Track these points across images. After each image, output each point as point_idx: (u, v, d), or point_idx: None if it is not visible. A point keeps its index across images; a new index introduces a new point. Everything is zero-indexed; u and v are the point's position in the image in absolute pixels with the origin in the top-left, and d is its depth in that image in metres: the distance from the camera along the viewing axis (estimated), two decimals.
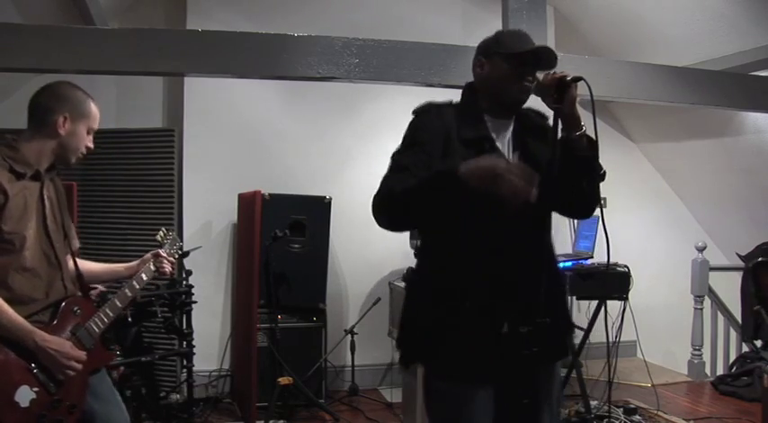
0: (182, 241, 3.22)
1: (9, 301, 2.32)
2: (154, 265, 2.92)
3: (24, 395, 2.31)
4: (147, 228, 5.43)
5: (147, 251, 3.02)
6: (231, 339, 5.74)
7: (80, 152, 2.61)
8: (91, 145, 2.64)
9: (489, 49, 2.36)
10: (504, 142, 2.33)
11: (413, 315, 2.43)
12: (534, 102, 2.36)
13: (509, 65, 2.26)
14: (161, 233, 3.11)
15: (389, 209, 2.24)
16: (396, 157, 2.31)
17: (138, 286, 2.84)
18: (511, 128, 2.36)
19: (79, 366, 2.45)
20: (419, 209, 2.20)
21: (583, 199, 2.31)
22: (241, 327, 5.39)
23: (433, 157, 2.21)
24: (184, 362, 4.90)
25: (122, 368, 4.40)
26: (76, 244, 2.82)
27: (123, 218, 5.51)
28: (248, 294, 4.96)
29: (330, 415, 5.16)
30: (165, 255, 2.97)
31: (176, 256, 3.13)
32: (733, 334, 6.18)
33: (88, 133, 2.61)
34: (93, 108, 2.64)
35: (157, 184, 5.59)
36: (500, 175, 1.96)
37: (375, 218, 2.27)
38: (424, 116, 2.37)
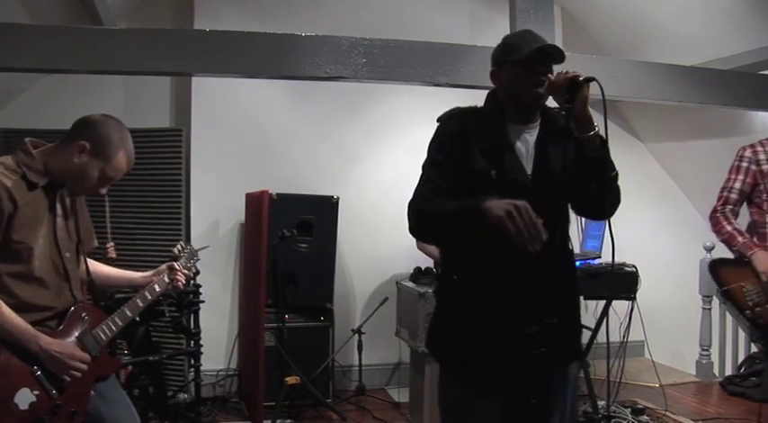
0: (192, 246, 3.19)
1: (14, 308, 2.32)
2: (168, 277, 2.90)
3: (24, 398, 2.31)
4: (155, 227, 5.47)
5: (154, 251, 3.03)
6: (238, 339, 5.74)
7: (86, 189, 2.55)
8: (103, 191, 2.57)
9: (499, 58, 2.38)
10: (527, 149, 2.33)
11: (436, 314, 2.52)
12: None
13: (520, 68, 2.26)
14: (179, 246, 3.07)
15: (421, 229, 2.38)
16: (425, 169, 2.40)
17: (150, 297, 2.82)
18: (536, 133, 2.36)
19: (84, 367, 2.45)
20: (447, 234, 2.35)
21: (598, 199, 2.29)
22: (248, 326, 5.39)
23: (456, 172, 2.29)
24: (192, 361, 4.90)
25: (130, 367, 4.41)
26: (94, 242, 2.82)
27: (131, 217, 5.51)
28: (255, 294, 4.97)
29: (337, 414, 5.15)
30: (179, 267, 2.94)
31: (193, 271, 3.10)
32: (741, 334, 6.14)
33: (101, 177, 2.51)
34: (119, 160, 2.51)
35: (165, 183, 5.60)
36: (512, 218, 2.02)
37: (409, 228, 2.38)
38: (446, 125, 2.41)
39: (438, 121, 2.44)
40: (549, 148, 2.31)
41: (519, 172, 2.28)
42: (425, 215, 2.30)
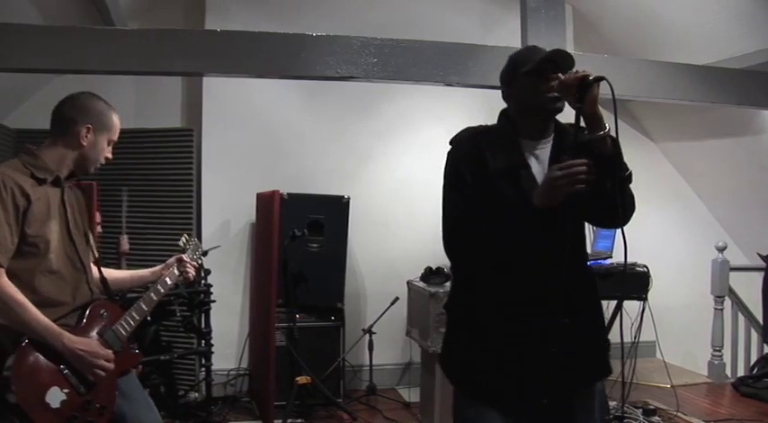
0: (202, 244, 3.22)
1: (36, 305, 2.35)
2: (178, 269, 2.93)
3: (55, 396, 2.34)
4: (166, 227, 5.48)
5: (165, 250, 3.04)
6: (249, 338, 5.75)
7: (99, 162, 2.65)
8: (110, 155, 2.68)
9: (508, 76, 2.37)
10: (541, 165, 2.31)
11: (450, 333, 2.50)
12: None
13: (532, 79, 2.25)
14: (183, 239, 3.10)
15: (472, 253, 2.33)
16: (450, 196, 2.36)
17: (162, 290, 2.86)
18: (549, 148, 2.34)
19: (110, 366, 2.48)
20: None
21: (610, 203, 2.24)
22: (259, 326, 5.40)
23: (473, 193, 2.26)
24: (203, 360, 4.92)
25: (141, 367, 4.42)
26: (95, 254, 2.85)
27: (142, 217, 5.54)
28: (266, 293, 4.97)
29: (348, 414, 5.16)
30: (188, 260, 2.97)
31: (199, 262, 3.13)
32: (754, 335, 6.13)
33: (108, 144, 2.66)
34: (116, 120, 2.67)
35: (176, 183, 5.61)
36: (555, 185, 2.08)
37: (455, 257, 2.38)
38: (461, 150, 2.37)
39: (450, 143, 2.42)
40: (562, 160, 2.28)
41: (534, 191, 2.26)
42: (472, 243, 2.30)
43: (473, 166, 2.29)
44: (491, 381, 2.28)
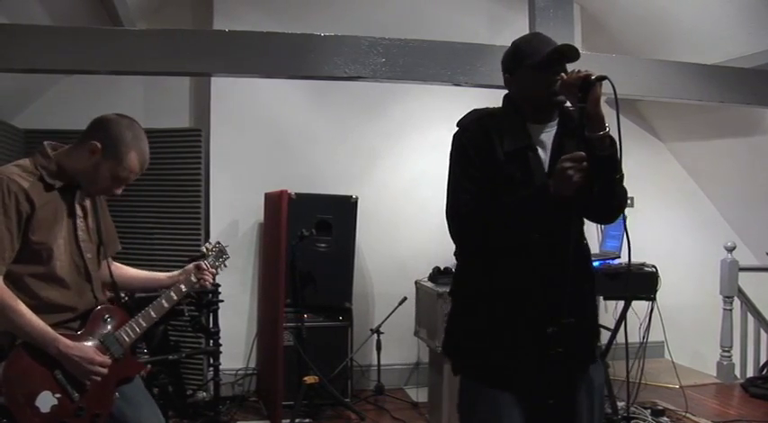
0: (226, 250, 3.14)
1: (37, 310, 2.32)
2: (195, 276, 2.87)
3: (45, 401, 2.30)
4: (174, 227, 5.49)
5: (173, 250, 3.01)
6: (257, 338, 5.75)
7: (98, 189, 2.54)
8: (117, 191, 2.55)
9: (511, 65, 2.37)
10: (547, 147, 2.33)
11: (450, 319, 2.50)
12: None
13: (535, 73, 2.26)
14: (207, 245, 3.04)
15: (474, 234, 2.33)
16: (457, 179, 2.35)
17: (175, 297, 2.80)
18: (554, 131, 2.35)
19: (104, 371, 2.43)
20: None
21: (602, 200, 2.29)
22: (267, 325, 5.41)
23: (483, 175, 2.27)
24: (211, 360, 4.92)
25: (149, 366, 4.43)
26: (118, 246, 2.83)
27: (150, 217, 5.54)
28: (274, 293, 4.98)
29: (356, 414, 5.16)
30: (206, 266, 2.91)
31: (222, 268, 3.09)
32: (763, 335, 6.10)
33: (115, 180, 2.50)
34: (131, 160, 2.48)
35: (184, 183, 5.61)
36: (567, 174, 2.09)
37: (461, 240, 2.38)
38: (468, 131, 2.37)
39: (458, 126, 2.42)
40: (566, 148, 2.29)
41: (541, 174, 2.27)
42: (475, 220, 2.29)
43: (481, 148, 2.30)
44: (500, 361, 2.29)
